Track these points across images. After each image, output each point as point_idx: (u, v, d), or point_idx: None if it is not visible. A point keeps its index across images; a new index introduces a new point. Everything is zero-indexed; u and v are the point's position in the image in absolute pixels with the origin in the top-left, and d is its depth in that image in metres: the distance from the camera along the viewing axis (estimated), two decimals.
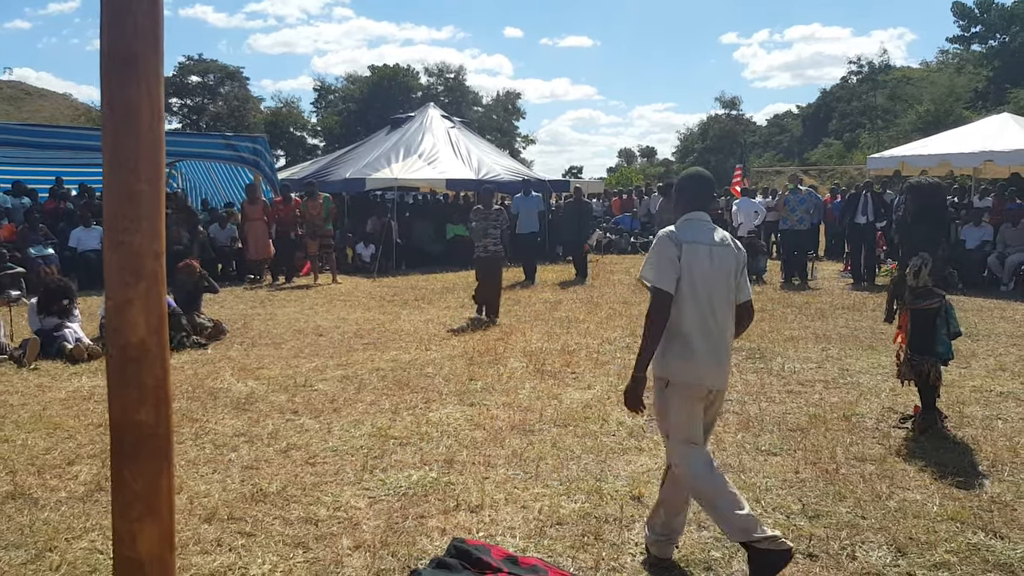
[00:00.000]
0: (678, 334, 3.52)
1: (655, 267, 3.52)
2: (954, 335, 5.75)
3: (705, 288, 3.52)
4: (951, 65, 51.63)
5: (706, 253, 3.53)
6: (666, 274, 3.48)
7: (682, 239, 3.52)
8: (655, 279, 3.51)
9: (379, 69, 58.76)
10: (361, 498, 4.55)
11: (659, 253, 3.54)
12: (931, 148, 15.77)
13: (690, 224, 3.61)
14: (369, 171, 17.80)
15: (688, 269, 3.49)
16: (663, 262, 3.51)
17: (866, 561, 3.73)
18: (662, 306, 3.49)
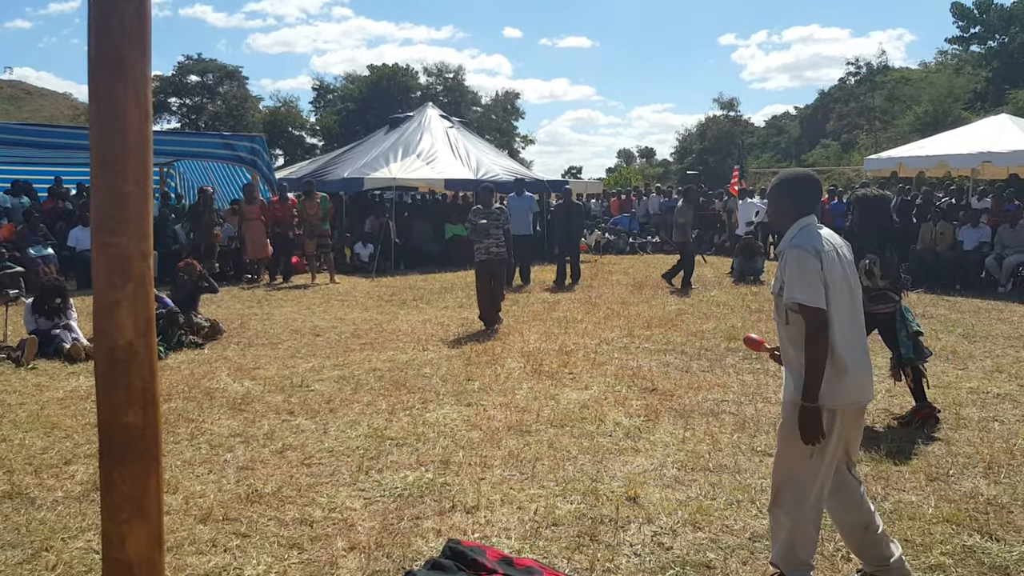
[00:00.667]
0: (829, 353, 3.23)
1: (804, 284, 3.19)
2: (914, 335, 5.91)
3: (842, 295, 3.28)
4: (950, 66, 51.61)
5: (837, 259, 3.30)
6: (817, 290, 3.18)
7: (818, 248, 3.24)
8: (808, 298, 3.18)
9: (378, 69, 58.74)
10: (356, 499, 4.55)
11: (803, 268, 3.21)
12: (929, 149, 15.78)
13: (811, 231, 3.33)
14: (367, 171, 17.80)
15: (830, 280, 3.23)
16: (811, 277, 3.20)
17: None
18: (823, 325, 3.18)
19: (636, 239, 21.81)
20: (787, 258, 3.27)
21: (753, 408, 6.31)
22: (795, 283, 3.21)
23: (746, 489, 4.62)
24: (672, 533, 4.05)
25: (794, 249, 3.25)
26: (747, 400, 6.55)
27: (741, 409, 6.29)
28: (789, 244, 3.31)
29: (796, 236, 3.32)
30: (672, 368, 7.71)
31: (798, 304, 3.20)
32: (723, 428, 5.80)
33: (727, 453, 5.27)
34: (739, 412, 6.20)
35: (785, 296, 3.26)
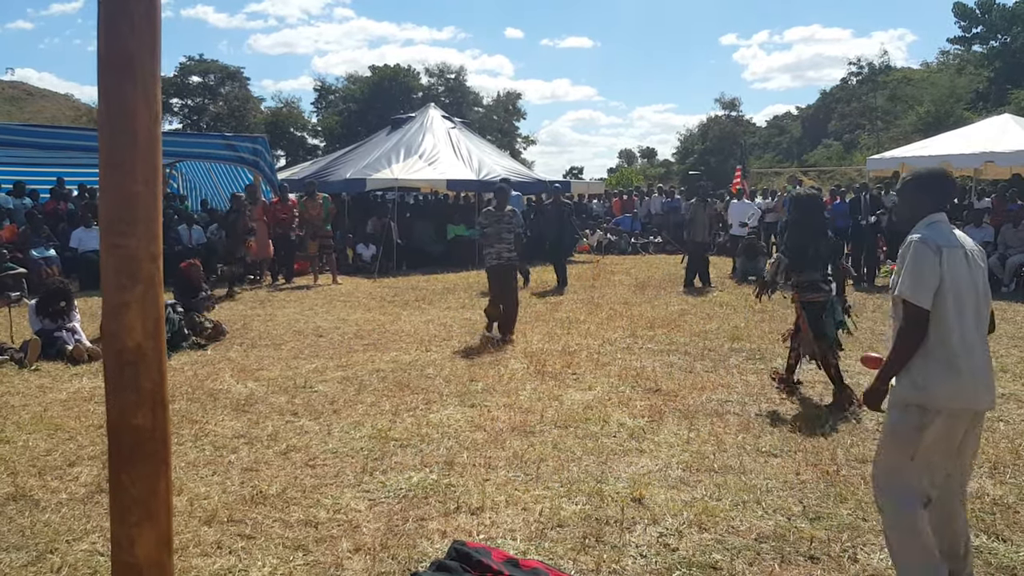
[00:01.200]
0: (940, 352, 3.14)
1: (914, 279, 3.13)
2: (838, 324, 6.58)
3: (966, 297, 3.18)
4: (952, 66, 51.55)
5: (962, 257, 3.19)
6: (925, 287, 3.11)
7: (940, 244, 3.15)
8: (912, 294, 3.12)
9: (380, 69, 58.72)
10: (361, 500, 4.54)
11: (918, 262, 3.14)
12: (931, 149, 15.76)
13: (938, 227, 3.25)
14: (370, 171, 17.80)
15: (950, 278, 3.13)
16: (923, 272, 3.12)
17: (867, 564, 3.72)
18: (919, 322, 3.12)
19: (638, 239, 21.80)
20: (906, 251, 3.19)
21: (757, 408, 6.30)
22: (905, 276, 3.16)
23: (751, 490, 4.61)
24: (678, 534, 4.04)
25: (915, 243, 3.17)
26: (751, 400, 6.54)
27: (745, 409, 6.28)
28: (911, 238, 3.22)
29: (920, 231, 3.24)
30: (676, 368, 7.70)
31: (902, 298, 3.15)
32: (727, 429, 5.79)
33: (732, 454, 5.26)
34: (743, 412, 6.19)
35: (896, 288, 3.20)
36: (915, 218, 3.33)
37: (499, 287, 9.27)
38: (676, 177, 51.09)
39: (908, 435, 3.19)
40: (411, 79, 59.65)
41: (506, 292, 9.27)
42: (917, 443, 3.17)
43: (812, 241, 6.56)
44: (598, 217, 24.01)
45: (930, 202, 3.32)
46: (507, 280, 9.33)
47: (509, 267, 9.38)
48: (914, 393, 3.17)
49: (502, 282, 9.28)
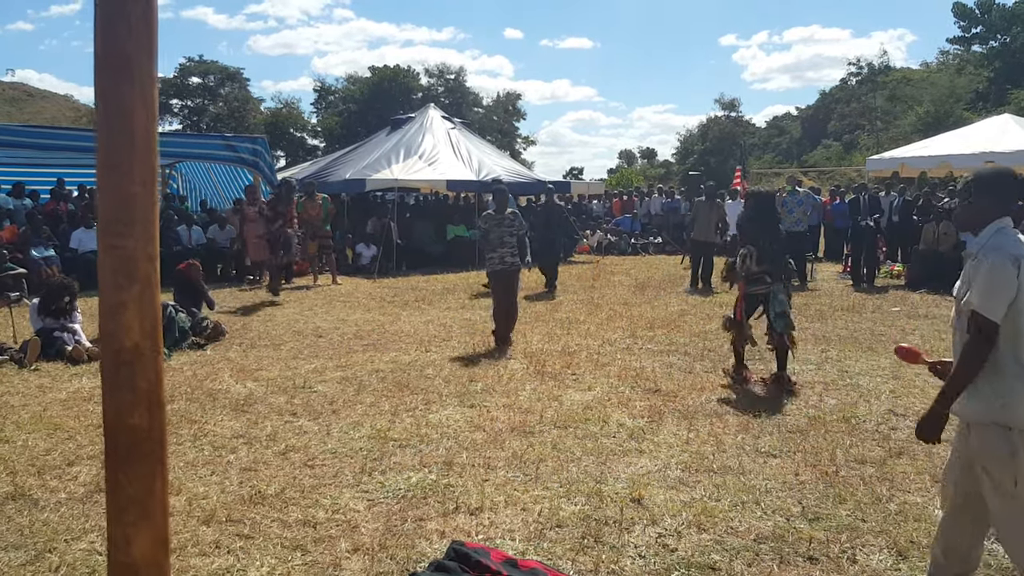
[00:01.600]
0: (1014, 368, 2.92)
1: (987, 292, 2.92)
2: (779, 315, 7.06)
3: None
4: (951, 66, 51.63)
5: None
6: (999, 300, 2.90)
7: (1018, 255, 2.93)
8: (985, 307, 2.91)
9: (379, 70, 58.77)
10: (360, 500, 4.54)
11: (994, 275, 2.92)
12: (931, 149, 15.79)
13: (1008, 235, 3.03)
14: (369, 172, 17.82)
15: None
16: (999, 286, 2.91)
17: (867, 564, 3.72)
18: (989, 336, 2.91)
19: (638, 240, 21.80)
20: (980, 263, 2.97)
21: (757, 409, 6.29)
22: (978, 288, 2.94)
23: (751, 490, 4.61)
24: (677, 535, 4.04)
25: (990, 254, 2.95)
26: (750, 401, 6.54)
27: (745, 410, 6.27)
28: (985, 247, 3.00)
29: (993, 238, 3.01)
30: (675, 369, 7.70)
31: (972, 310, 2.94)
32: (727, 429, 5.79)
33: (731, 454, 5.26)
34: (743, 413, 6.19)
35: (966, 299, 2.99)
36: (982, 223, 3.10)
37: (502, 291, 9.15)
38: (676, 178, 51.11)
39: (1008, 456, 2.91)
40: (411, 80, 59.71)
41: (509, 296, 9.16)
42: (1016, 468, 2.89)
43: (765, 236, 7.13)
44: (598, 218, 24.02)
45: (999, 205, 3.09)
46: (510, 285, 9.19)
47: (512, 272, 9.23)
48: (998, 413, 2.93)
49: (504, 286, 9.15)
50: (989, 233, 3.04)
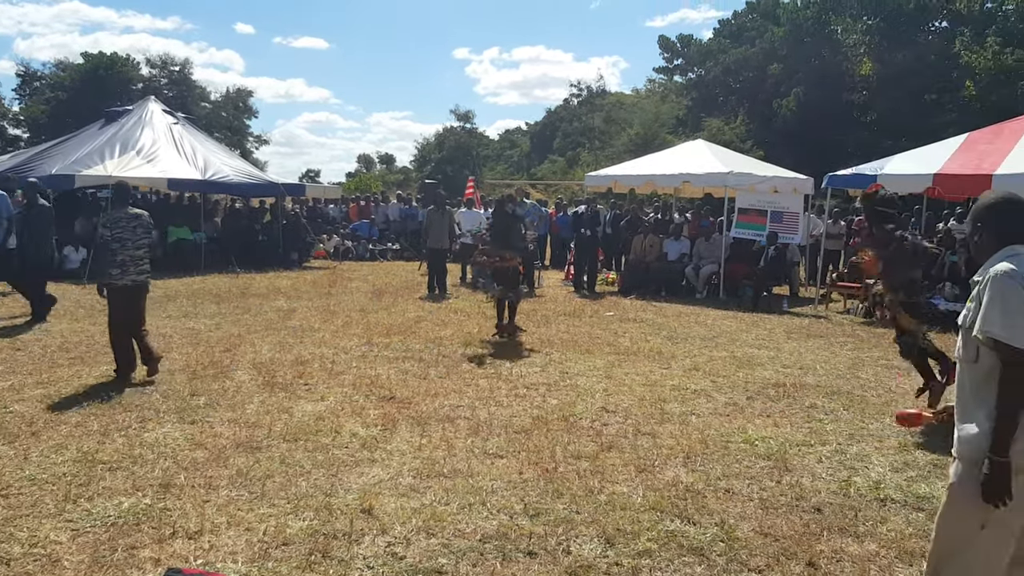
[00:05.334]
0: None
1: (1006, 317, 2.71)
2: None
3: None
4: (657, 93, 57.23)
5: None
6: (1021, 324, 2.70)
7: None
8: (1008, 334, 2.69)
9: (94, 57, 53.37)
10: (63, 531, 4.11)
11: (1007, 298, 2.73)
12: (639, 169, 17.36)
13: (1020, 260, 2.84)
14: (80, 167, 16.10)
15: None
16: (1016, 307, 2.71)
17: (579, 554, 4.02)
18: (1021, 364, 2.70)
19: (376, 246, 21.76)
20: (989, 283, 2.80)
21: (487, 412, 6.55)
22: (993, 313, 2.74)
23: (478, 492, 4.79)
24: (406, 542, 4.09)
25: (999, 276, 2.78)
26: (481, 404, 6.79)
27: (475, 413, 6.50)
28: (993, 269, 2.83)
29: (1001, 261, 2.85)
30: (410, 375, 7.79)
31: (993, 340, 2.74)
32: (458, 433, 5.97)
33: (461, 458, 5.43)
34: (473, 416, 6.41)
35: (978, 327, 2.78)
36: (991, 251, 2.95)
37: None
38: (414, 184, 51.70)
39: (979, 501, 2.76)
40: (130, 69, 54.85)
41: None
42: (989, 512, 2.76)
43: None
44: (335, 222, 23.64)
45: (1007, 233, 2.92)
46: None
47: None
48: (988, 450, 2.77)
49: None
50: (999, 257, 2.89)
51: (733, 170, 15.29)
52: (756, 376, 8.12)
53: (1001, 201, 2.98)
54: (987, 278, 2.82)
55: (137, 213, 7.62)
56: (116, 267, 7.37)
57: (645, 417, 6.52)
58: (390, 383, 7.43)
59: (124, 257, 7.40)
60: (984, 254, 2.97)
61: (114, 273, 7.38)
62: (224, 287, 14.28)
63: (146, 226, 7.59)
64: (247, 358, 8.37)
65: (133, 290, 7.49)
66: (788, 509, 4.66)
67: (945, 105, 30.94)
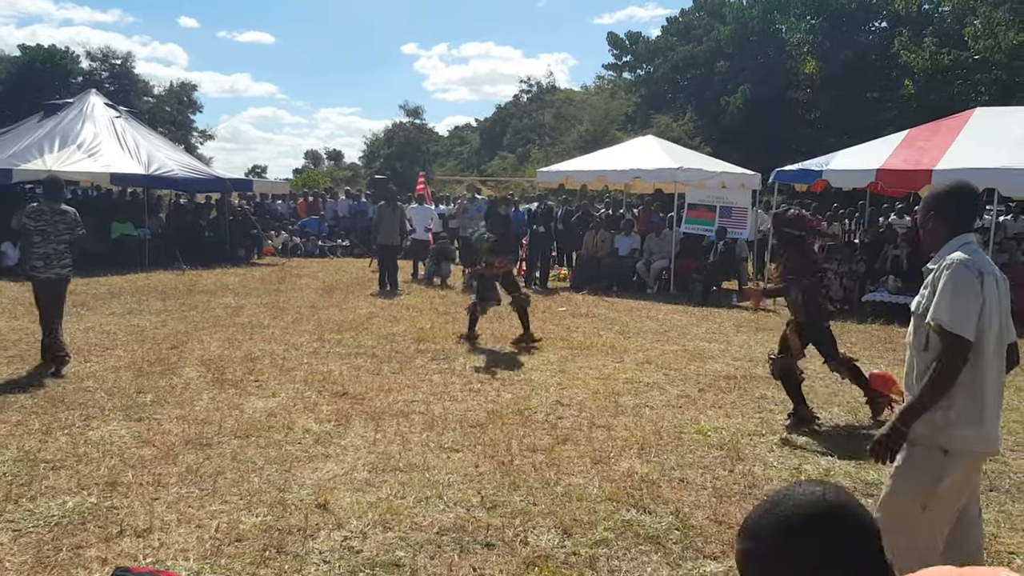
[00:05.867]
0: (970, 390, 2.81)
1: (954, 306, 2.75)
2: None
3: (1000, 329, 2.87)
4: (606, 90, 57.64)
5: (995, 285, 2.84)
6: (969, 316, 2.74)
7: (983, 270, 2.80)
8: (954, 323, 2.73)
9: (31, 49, 51.73)
10: (4, 532, 3.99)
11: (958, 287, 2.76)
12: (590, 164, 17.47)
13: (974, 249, 2.88)
14: (17, 161, 15.59)
15: (988, 307, 2.79)
16: (965, 300, 2.75)
17: (537, 545, 4.03)
18: (962, 354, 2.75)
19: (325, 242, 21.50)
20: (943, 273, 2.82)
21: (441, 407, 6.53)
22: (944, 302, 2.77)
23: (434, 485, 4.76)
24: (362, 536, 4.05)
25: (953, 264, 2.80)
26: (435, 399, 6.76)
27: (430, 408, 6.47)
28: (949, 259, 2.84)
29: (956, 251, 2.87)
30: (363, 371, 7.72)
31: (939, 326, 2.77)
32: (413, 428, 5.93)
33: (416, 452, 5.39)
34: (428, 411, 6.38)
35: (930, 314, 2.81)
36: (942, 240, 2.95)
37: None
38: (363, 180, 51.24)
39: (927, 478, 2.84)
40: (69, 62, 53.24)
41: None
42: (936, 486, 2.83)
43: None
44: (283, 218, 23.28)
45: (959, 221, 2.95)
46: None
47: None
48: (934, 434, 2.83)
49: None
50: (951, 248, 2.90)
51: (683, 166, 15.48)
52: (707, 368, 8.24)
53: (954, 189, 3.01)
54: (942, 267, 2.84)
55: (63, 208, 7.63)
56: (40, 259, 7.45)
57: (599, 410, 6.56)
58: (343, 379, 7.35)
59: (47, 250, 7.46)
60: (936, 242, 2.97)
61: (38, 265, 7.46)
62: (170, 284, 13.97)
63: (69, 222, 7.60)
64: (195, 355, 8.20)
65: (56, 283, 7.58)
66: (741, 497, 4.74)
67: (885, 103, 31.76)
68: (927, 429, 2.83)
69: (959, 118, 13.11)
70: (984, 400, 2.83)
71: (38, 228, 7.44)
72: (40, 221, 7.45)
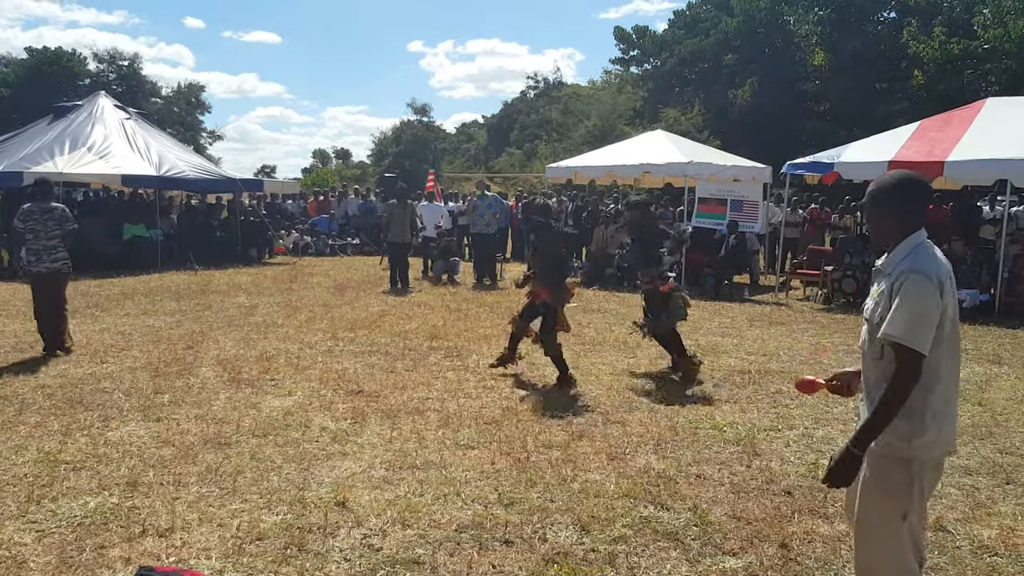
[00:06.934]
0: (931, 400, 2.73)
1: (913, 321, 2.63)
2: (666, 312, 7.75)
3: (957, 335, 2.79)
4: (614, 84, 57.46)
5: (951, 287, 2.74)
6: (926, 330, 2.64)
7: (942, 279, 2.69)
8: (910, 338, 2.62)
9: (38, 52, 52.02)
10: (27, 533, 4.02)
11: (920, 301, 2.64)
12: (599, 160, 17.44)
13: (929, 252, 2.76)
14: (28, 164, 15.67)
15: (946, 314, 2.70)
16: (925, 314, 2.64)
17: (555, 542, 4.04)
18: (917, 372, 2.65)
19: (336, 241, 21.56)
20: (903, 284, 2.69)
21: (456, 404, 6.54)
22: (901, 315, 2.65)
23: (451, 483, 4.78)
24: (382, 534, 4.08)
25: (914, 275, 2.67)
26: (450, 396, 6.78)
27: (445, 406, 6.49)
28: (907, 267, 2.72)
29: (913, 257, 2.74)
30: (377, 369, 7.75)
31: (895, 342, 2.66)
32: (428, 425, 5.95)
33: (433, 449, 5.41)
34: (443, 409, 6.40)
35: (883, 329, 2.70)
36: (892, 236, 2.84)
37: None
38: (372, 179, 51.33)
39: (898, 493, 2.77)
40: (76, 64, 53.53)
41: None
42: (910, 500, 2.77)
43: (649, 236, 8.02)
44: (293, 217, 23.36)
45: (905, 217, 2.82)
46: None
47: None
48: (902, 447, 2.76)
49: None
50: (905, 250, 2.79)
51: (693, 160, 15.43)
52: (721, 363, 8.23)
53: (902, 182, 2.85)
54: (901, 276, 2.71)
55: (52, 206, 8.28)
56: (32, 255, 8.18)
57: (614, 406, 6.57)
58: (357, 377, 7.38)
59: (38, 246, 8.16)
60: (885, 238, 2.86)
61: (31, 260, 8.20)
62: (183, 284, 14.04)
63: (58, 218, 8.22)
64: (210, 355, 8.24)
65: (49, 277, 8.23)
66: (759, 492, 4.74)
67: (895, 94, 31.60)
68: (892, 440, 2.74)
69: (971, 109, 13.04)
70: (946, 404, 2.77)
71: (28, 227, 8.13)
72: (29, 221, 8.13)
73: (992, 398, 6.94)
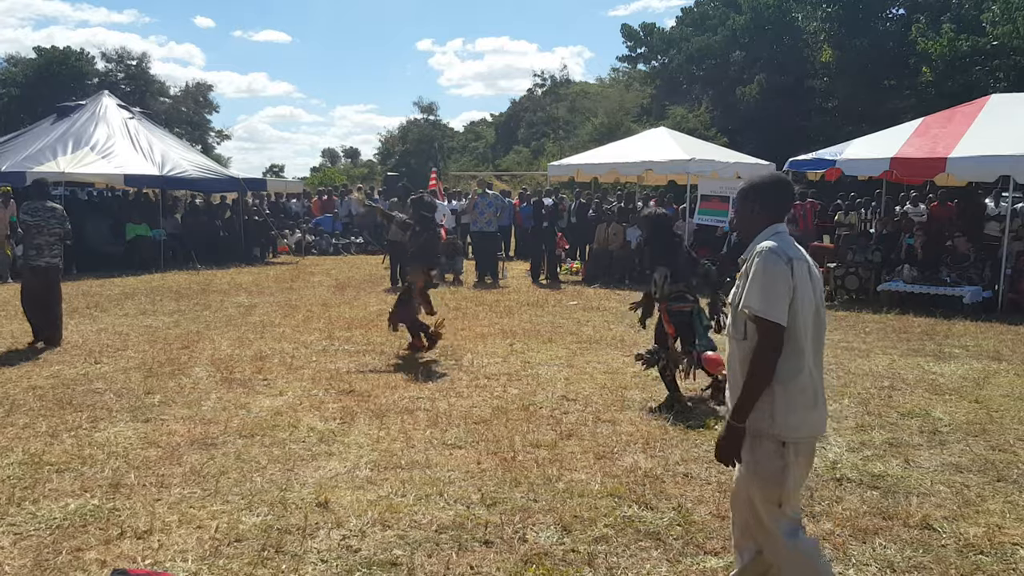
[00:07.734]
0: (796, 377, 2.85)
1: (765, 293, 2.79)
2: (706, 328, 6.52)
3: (814, 315, 2.91)
4: (621, 82, 57.25)
5: (807, 271, 2.89)
6: (780, 301, 2.78)
7: (791, 256, 2.85)
8: (766, 309, 2.78)
9: (46, 52, 52.21)
10: (5, 536, 4.01)
11: (768, 274, 2.81)
12: (602, 157, 17.38)
13: (783, 237, 2.95)
14: (31, 164, 15.77)
15: (800, 293, 2.83)
16: (776, 285, 2.79)
17: (535, 542, 4.00)
18: (777, 343, 2.79)
19: (339, 240, 21.56)
20: (755, 261, 2.89)
21: (446, 403, 6.51)
22: (754, 289, 2.83)
23: (435, 483, 4.75)
24: (361, 535, 4.05)
25: (762, 253, 2.87)
26: (441, 395, 6.75)
27: (435, 405, 6.46)
28: (758, 247, 2.93)
29: (766, 239, 2.95)
30: (370, 368, 7.72)
31: (753, 315, 2.83)
32: (417, 425, 5.92)
33: (419, 449, 5.38)
34: (433, 408, 6.37)
35: (742, 302, 2.89)
36: (757, 229, 3.04)
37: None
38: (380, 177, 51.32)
39: (773, 471, 2.90)
40: (85, 64, 53.68)
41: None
42: (785, 477, 2.90)
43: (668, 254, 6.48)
44: (297, 217, 23.38)
45: (773, 211, 3.03)
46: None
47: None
48: (771, 425, 2.87)
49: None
50: (765, 235, 2.98)
51: (695, 157, 15.36)
52: None
53: (779, 181, 3.15)
54: (753, 255, 2.92)
55: (52, 205, 8.72)
56: (33, 248, 8.56)
57: (606, 405, 6.52)
58: (350, 377, 7.36)
59: (41, 241, 8.54)
60: (751, 231, 3.05)
61: (31, 254, 8.58)
62: (184, 284, 14.07)
63: (59, 217, 8.67)
64: (205, 354, 8.24)
65: (47, 271, 8.60)
66: None
67: (903, 91, 31.34)
68: (763, 422, 2.87)
69: (974, 105, 12.91)
70: (813, 385, 2.90)
71: (35, 222, 8.51)
72: (36, 216, 8.52)
73: (989, 395, 6.86)
